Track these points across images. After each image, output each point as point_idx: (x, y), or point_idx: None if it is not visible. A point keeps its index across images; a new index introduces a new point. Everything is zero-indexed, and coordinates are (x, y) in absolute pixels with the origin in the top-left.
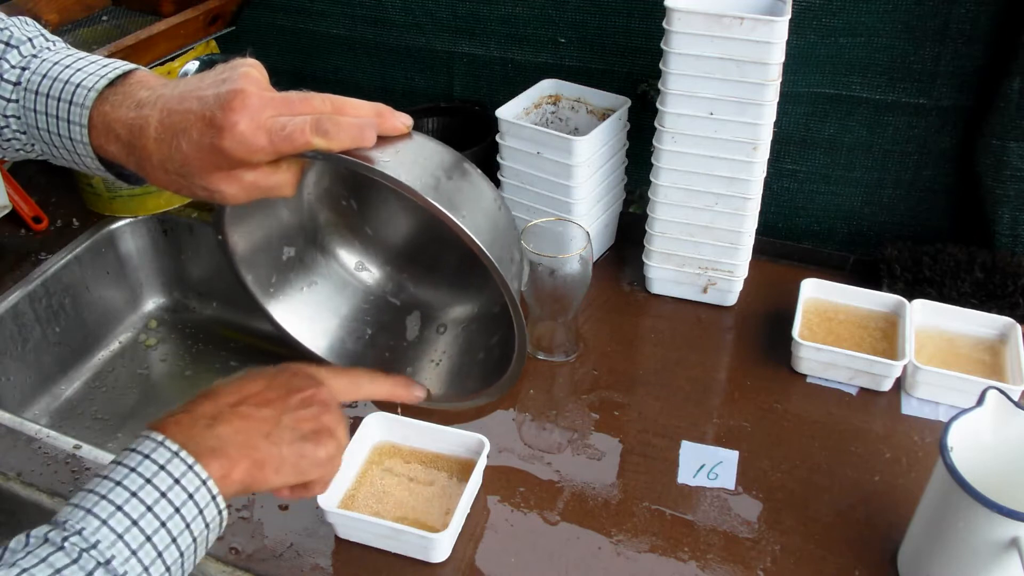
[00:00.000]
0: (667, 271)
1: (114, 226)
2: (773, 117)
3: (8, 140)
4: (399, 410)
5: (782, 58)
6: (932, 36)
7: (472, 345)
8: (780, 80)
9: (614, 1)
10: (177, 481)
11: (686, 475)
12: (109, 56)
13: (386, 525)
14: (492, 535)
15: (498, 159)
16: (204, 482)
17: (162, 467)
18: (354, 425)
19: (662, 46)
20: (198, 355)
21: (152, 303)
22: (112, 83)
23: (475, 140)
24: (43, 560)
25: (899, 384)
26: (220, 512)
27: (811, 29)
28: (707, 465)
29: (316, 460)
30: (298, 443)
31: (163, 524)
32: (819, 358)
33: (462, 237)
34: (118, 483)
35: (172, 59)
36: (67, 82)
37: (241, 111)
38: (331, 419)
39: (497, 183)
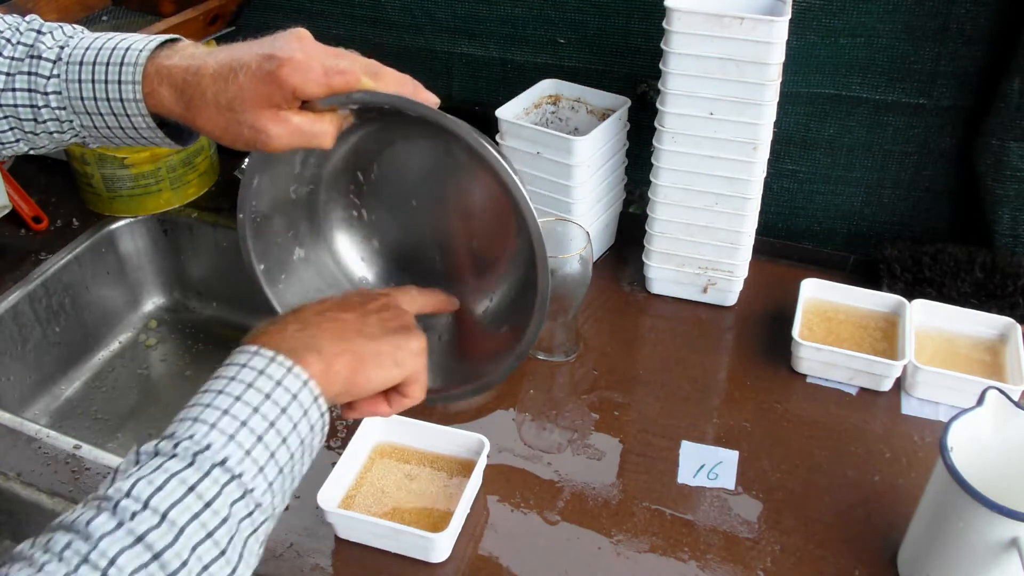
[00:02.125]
0: (667, 271)
1: (114, 226)
2: (773, 117)
3: (44, 122)
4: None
5: (782, 58)
6: (932, 36)
7: (478, 340)
8: (780, 80)
9: (614, 1)
10: (279, 383)
11: (686, 475)
12: None
13: (386, 525)
14: (492, 535)
15: None
16: (305, 383)
17: (261, 372)
18: (354, 425)
19: (662, 46)
20: (198, 355)
21: (152, 303)
22: (160, 46)
23: None
24: (158, 468)
25: (899, 384)
26: (323, 415)
27: (811, 29)
28: (707, 465)
29: (413, 350)
30: (392, 335)
31: (272, 424)
32: (819, 358)
33: (501, 173)
34: (220, 392)
35: None
36: (115, 48)
37: (299, 47)
38: (410, 319)
39: None
